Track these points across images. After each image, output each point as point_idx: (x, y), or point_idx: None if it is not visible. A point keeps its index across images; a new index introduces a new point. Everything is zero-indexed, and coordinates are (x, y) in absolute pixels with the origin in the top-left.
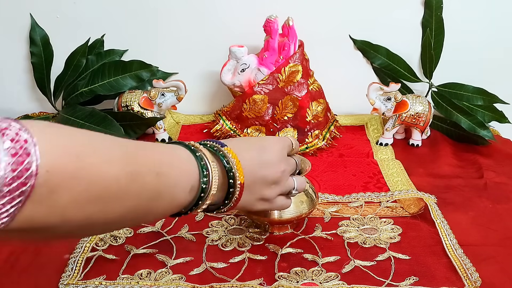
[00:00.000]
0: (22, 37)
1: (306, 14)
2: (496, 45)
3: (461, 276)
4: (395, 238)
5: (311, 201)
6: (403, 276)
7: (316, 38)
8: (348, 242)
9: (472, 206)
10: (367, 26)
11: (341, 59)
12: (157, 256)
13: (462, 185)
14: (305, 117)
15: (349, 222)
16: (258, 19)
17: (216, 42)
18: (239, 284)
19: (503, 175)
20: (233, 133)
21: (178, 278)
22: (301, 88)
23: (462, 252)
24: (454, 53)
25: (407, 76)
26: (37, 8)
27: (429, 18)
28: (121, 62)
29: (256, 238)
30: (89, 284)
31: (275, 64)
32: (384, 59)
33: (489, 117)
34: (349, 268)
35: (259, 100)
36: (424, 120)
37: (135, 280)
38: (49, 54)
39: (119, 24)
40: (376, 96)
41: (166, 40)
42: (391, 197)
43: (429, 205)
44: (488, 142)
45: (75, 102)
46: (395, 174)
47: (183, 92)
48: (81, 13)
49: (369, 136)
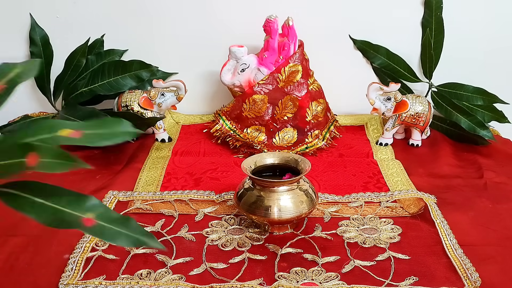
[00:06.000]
0: (22, 37)
1: (306, 14)
2: (496, 45)
3: (461, 276)
4: (395, 238)
5: (311, 201)
6: (403, 276)
7: (316, 38)
8: (348, 242)
9: (472, 206)
10: (367, 26)
11: (341, 59)
12: (157, 256)
13: (462, 185)
14: (305, 117)
15: (349, 222)
16: (258, 19)
17: (216, 42)
18: (239, 284)
19: (503, 175)
20: (232, 133)
21: (178, 278)
22: (301, 88)
23: (462, 252)
24: (454, 53)
25: (407, 76)
26: (37, 8)
27: (429, 18)
28: (121, 62)
29: (256, 238)
30: (89, 284)
31: (275, 64)
32: (384, 59)
33: (489, 117)
34: (349, 268)
35: (259, 100)
36: (424, 120)
37: (135, 280)
38: (49, 54)
39: (119, 24)
40: (376, 96)
41: (166, 40)
42: (391, 197)
43: (429, 205)
44: (488, 142)
45: (75, 102)
46: (395, 174)
47: (183, 92)
48: (81, 13)
49: (369, 136)
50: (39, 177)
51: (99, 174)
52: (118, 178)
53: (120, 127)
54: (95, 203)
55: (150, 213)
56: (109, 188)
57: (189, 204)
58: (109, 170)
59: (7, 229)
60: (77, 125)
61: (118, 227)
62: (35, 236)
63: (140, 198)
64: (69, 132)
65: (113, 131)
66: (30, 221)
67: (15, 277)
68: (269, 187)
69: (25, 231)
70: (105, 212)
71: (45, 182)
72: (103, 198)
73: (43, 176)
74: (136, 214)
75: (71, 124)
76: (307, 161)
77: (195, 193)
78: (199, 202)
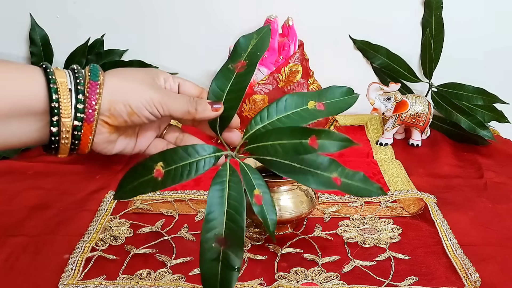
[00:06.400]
0: (22, 37)
1: (306, 14)
2: (496, 45)
3: (461, 276)
4: (395, 238)
5: (311, 201)
6: (403, 276)
7: (316, 38)
8: (348, 242)
9: (472, 206)
10: (367, 26)
11: (341, 59)
12: (157, 256)
13: (462, 185)
14: None
15: (349, 222)
16: (258, 19)
17: (216, 42)
18: (239, 284)
19: (503, 175)
20: None
21: (178, 278)
22: (301, 88)
23: (462, 252)
24: (454, 53)
25: (407, 76)
26: (37, 8)
27: (429, 18)
28: (121, 62)
29: (256, 238)
30: (89, 284)
31: (275, 64)
32: (384, 59)
33: (489, 117)
34: (349, 268)
35: (259, 100)
36: (424, 120)
37: (135, 280)
38: (49, 54)
39: (119, 24)
40: (376, 96)
41: (166, 40)
42: (391, 197)
43: (429, 205)
44: (488, 142)
45: None
46: (395, 174)
47: None
48: (81, 13)
49: (369, 136)
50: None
51: (99, 174)
52: (118, 178)
53: (343, 91)
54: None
55: (150, 213)
56: (109, 188)
57: (189, 204)
58: (109, 170)
59: (7, 229)
60: (311, 95)
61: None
62: (35, 236)
63: (140, 198)
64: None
65: (348, 98)
66: (30, 221)
67: (15, 277)
68: (269, 187)
69: (25, 231)
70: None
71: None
72: (103, 198)
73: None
74: (136, 214)
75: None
76: None
77: (195, 193)
78: (199, 202)
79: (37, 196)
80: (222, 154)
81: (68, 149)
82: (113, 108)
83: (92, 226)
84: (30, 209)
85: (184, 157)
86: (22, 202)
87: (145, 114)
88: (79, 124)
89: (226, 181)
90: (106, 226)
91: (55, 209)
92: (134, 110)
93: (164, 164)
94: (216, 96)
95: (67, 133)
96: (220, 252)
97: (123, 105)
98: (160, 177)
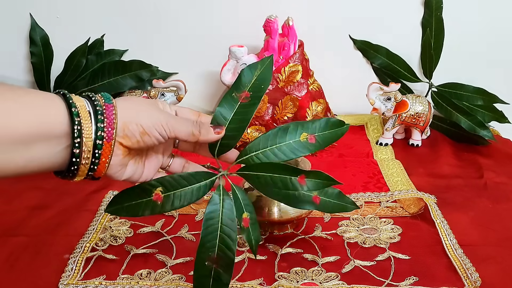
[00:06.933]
0: (22, 37)
1: (306, 14)
2: (496, 45)
3: (461, 276)
4: (395, 238)
5: None
6: (403, 276)
7: (316, 38)
8: (348, 242)
9: (472, 206)
10: (367, 26)
11: (341, 59)
12: (157, 256)
13: (462, 185)
14: (305, 117)
15: (349, 222)
16: (258, 19)
17: (216, 42)
18: (239, 284)
19: (503, 175)
20: None
21: (178, 278)
22: (301, 88)
23: (462, 252)
24: (454, 53)
25: (407, 76)
26: (37, 8)
27: (429, 18)
28: (121, 62)
29: None
30: (89, 284)
31: (275, 64)
32: (384, 59)
33: (489, 117)
34: (349, 268)
35: None
36: (424, 120)
37: (135, 280)
38: (49, 54)
39: (119, 24)
40: (376, 96)
41: (166, 40)
42: (391, 197)
43: (429, 205)
44: (488, 142)
45: None
46: (395, 174)
47: (183, 92)
48: (81, 13)
49: (369, 136)
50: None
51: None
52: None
53: (334, 123)
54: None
55: None
56: (109, 188)
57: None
58: None
59: (7, 229)
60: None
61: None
62: (35, 236)
63: None
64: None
65: (338, 130)
66: (30, 221)
67: (15, 277)
68: None
69: (25, 231)
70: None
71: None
72: (103, 198)
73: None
74: None
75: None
76: (307, 161)
77: None
78: (199, 202)
79: (37, 196)
80: (217, 177)
81: (87, 170)
82: (127, 128)
83: (92, 226)
84: (30, 209)
85: (182, 183)
86: (22, 202)
87: (155, 134)
88: (100, 143)
89: (219, 207)
90: (106, 226)
91: (55, 209)
92: (145, 130)
93: (163, 189)
94: (220, 122)
95: (88, 153)
96: (212, 269)
97: (135, 125)
98: (159, 201)
